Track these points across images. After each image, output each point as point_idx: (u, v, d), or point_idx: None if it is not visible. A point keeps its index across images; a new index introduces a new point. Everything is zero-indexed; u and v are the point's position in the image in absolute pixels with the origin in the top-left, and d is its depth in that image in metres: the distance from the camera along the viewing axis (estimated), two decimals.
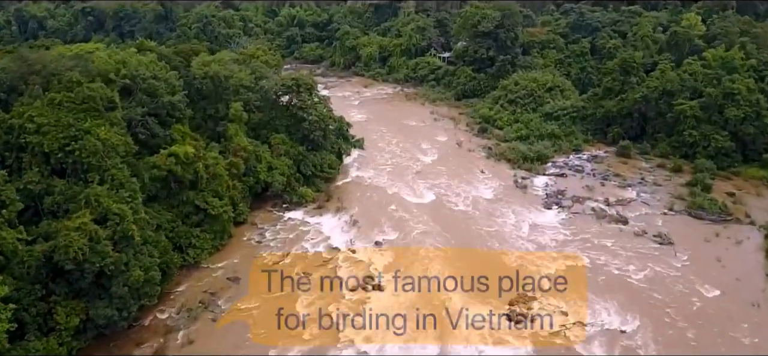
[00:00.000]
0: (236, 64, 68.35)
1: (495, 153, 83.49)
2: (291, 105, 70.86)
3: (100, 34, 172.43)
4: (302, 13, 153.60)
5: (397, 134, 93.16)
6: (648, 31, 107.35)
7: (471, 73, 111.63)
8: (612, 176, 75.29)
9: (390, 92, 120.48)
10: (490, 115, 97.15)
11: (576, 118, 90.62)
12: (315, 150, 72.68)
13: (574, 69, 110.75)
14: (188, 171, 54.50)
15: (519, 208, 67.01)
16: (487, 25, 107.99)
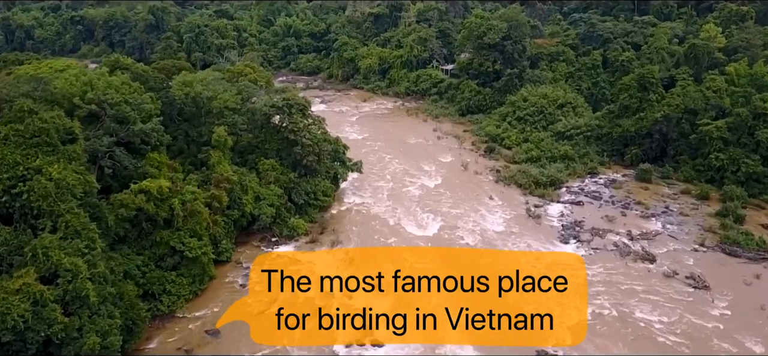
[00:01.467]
0: (221, 84, 62.03)
1: (504, 176, 77.13)
2: (282, 127, 64.55)
3: (90, 44, 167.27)
4: (298, 23, 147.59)
5: (397, 154, 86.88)
6: (664, 43, 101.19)
7: (476, 87, 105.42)
8: (633, 204, 68.90)
9: (390, 107, 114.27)
10: (497, 133, 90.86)
11: (590, 137, 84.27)
12: (308, 176, 66.40)
13: (585, 82, 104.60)
14: (162, 208, 48.18)
15: (533, 242, 60.62)
16: (493, 36, 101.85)
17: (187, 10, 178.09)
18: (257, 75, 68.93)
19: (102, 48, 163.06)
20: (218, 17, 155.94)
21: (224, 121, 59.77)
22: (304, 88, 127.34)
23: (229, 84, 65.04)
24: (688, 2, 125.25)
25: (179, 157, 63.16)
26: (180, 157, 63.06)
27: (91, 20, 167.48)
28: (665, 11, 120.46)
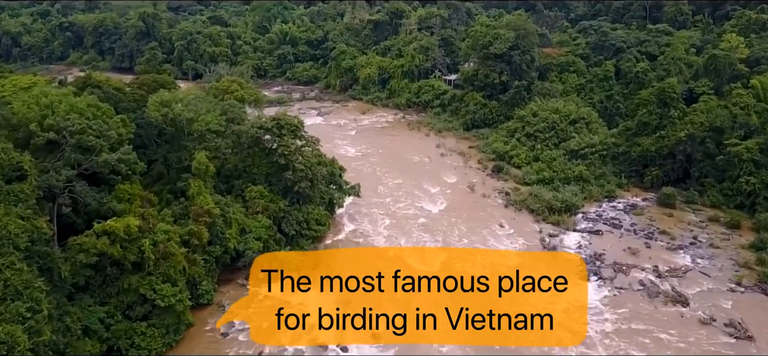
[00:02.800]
0: (204, 103, 56.00)
1: (514, 200, 71.04)
2: (271, 149, 58.46)
3: (79, 51, 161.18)
4: (295, 30, 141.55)
5: (398, 173, 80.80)
6: (681, 53, 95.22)
7: (481, 100, 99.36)
8: (657, 234, 62.83)
9: (390, 120, 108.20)
10: (505, 150, 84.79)
11: (606, 156, 78.22)
12: (300, 203, 60.29)
13: (597, 95, 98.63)
14: (131, 250, 42.11)
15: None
16: (500, 46, 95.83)
17: (180, 17, 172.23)
18: (245, 92, 62.90)
19: (91, 55, 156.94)
20: (212, 24, 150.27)
21: (206, 144, 53.71)
22: (300, 99, 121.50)
23: (214, 103, 58.96)
24: (704, 9, 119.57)
25: (158, 182, 57.23)
26: (159, 182, 57.12)
27: (81, 27, 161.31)
28: (680, 19, 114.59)
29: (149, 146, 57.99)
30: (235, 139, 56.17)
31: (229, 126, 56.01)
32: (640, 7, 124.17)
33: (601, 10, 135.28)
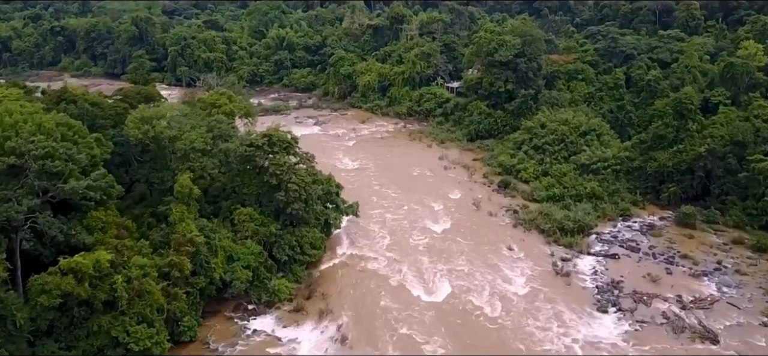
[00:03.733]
0: (189, 119, 51.56)
1: (523, 219, 66.61)
2: (262, 167, 54.01)
3: (71, 56, 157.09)
4: (292, 35, 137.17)
5: (399, 188, 76.39)
6: (695, 61, 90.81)
7: (486, 109, 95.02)
8: (678, 258, 58.37)
9: (390, 129, 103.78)
10: (512, 163, 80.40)
11: (619, 171, 73.82)
12: (293, 225, 55.90)
13: (606, 104, 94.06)
14: (101, 288, 37.70)
15: (564, 311, 50.10)
16: (506, 53, 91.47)
17: (175, 21, 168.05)
18: (234, 105, 58.50)
19: (83, 61, 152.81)
20: (207, 28, 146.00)
21: (191, 164, 49.28)
22: (297, 107, 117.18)
23: (201, 118, 54.54)
24: (716, 14, 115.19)
25: (140, 204, 52.97)
26: (141, 204, 52.85)
27: (73, 31, 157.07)
28: (691, 24, 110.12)
29: (132, 163, 53.81)
30: (223, 158, 51.73)
31: (216, 143, 51.57)
32: (649, 11, 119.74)
33: (609, 15, 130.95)
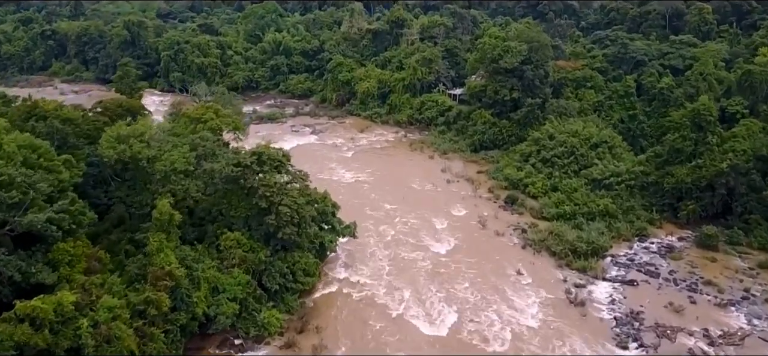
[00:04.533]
0: (170, 138, 47.25)
1: (532, 239, 62.33)
2: (251, 188, 49.63)
3: (62, 60, 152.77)
4: (289, 40, 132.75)
5: (400, 204, 72.07)
6: (710, 68, 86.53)
7: (490, 118, 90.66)
8: (701, 285, 54.04)
9: (390, 139, 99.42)
10: (519, 177, 76.07)
11: (634, 187, 69.50)
12: (285, 250, 51.56)
13: (616, 113, 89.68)
14: (64, 334, 33.36)
15: (581, 347, 45.85)
16: (511, 60, 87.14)
17: (170, 24, 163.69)
18: (221, 120, 54.11)
19: (74, 65, 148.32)
20: (202, 32, 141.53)
21: (172, 187, 44.91)
22: (293, 114, 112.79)
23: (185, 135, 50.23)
24: (729, 18, 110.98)
25: (119, 228, 48.79)
26: (119, 228, 48.68)
27: (64, 35, 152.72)
28: (704, 29, 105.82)
29: (109, 183, 49.55)
30: (208, 179, 47.38)
31: (200, 163, 47.22)
32: (658, 15, 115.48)
33: (616, 19, 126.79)
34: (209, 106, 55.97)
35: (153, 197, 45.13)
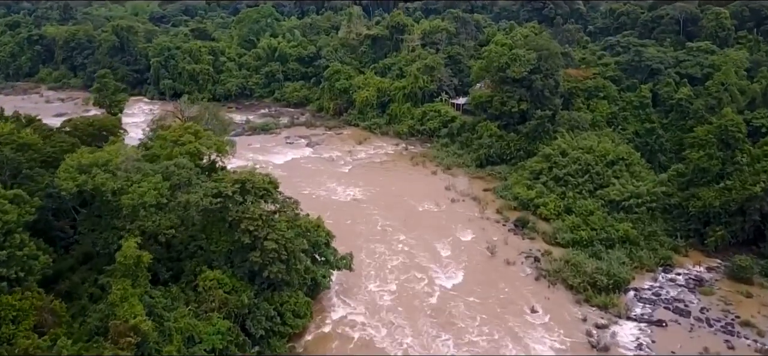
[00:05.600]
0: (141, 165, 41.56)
1: (547, 270, 56.70)
2: (233, 220, 43.99)
3: (49, 66, 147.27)
4: (285, 45, 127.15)
5: (401, 227, 66.47)
6: (732, 78, 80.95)
7: (497, 131, 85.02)
8: (738, 325, 48.40)
9: (391, 152, 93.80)
10: (529, 197, 70.42)
11: (655, 209, 63.88)
12: (273, 288, 45.98)
13: (631, 125, 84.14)
14: None
15: None
16: (520, 69, 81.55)
17: (162, 28, 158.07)
18: (202, 143, 48.30)
19: (62, 71, 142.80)
20: (194, 37, 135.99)
21: (141, 224, 39.23)
22: (288, 125, 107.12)
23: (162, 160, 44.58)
24: (747, 23, 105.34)
25: (85, 265, 43.24)
26: (86, 266, 43.14)
27: (52, 40, 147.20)
28: (721, 35, 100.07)
29: (74, 214, 44.01)
30: (183, 213, 41.73)
31: (174, 194, 41.58)
32: (671, 20, 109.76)
33: (626, 23, 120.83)
34: (188, 127, 50.26)
35: (119, 234, 39.46)
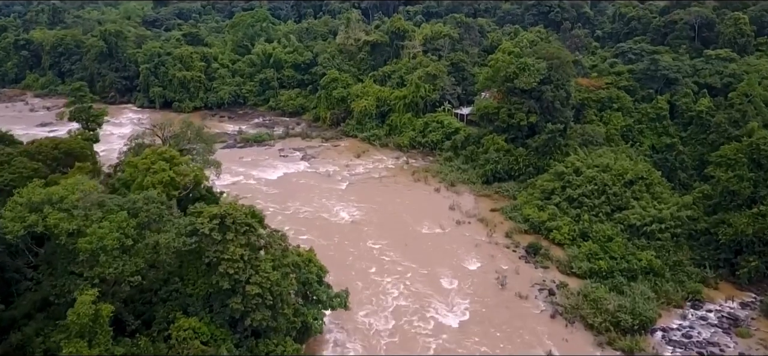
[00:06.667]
0: (102, 202, 36.04)
1: (563, 306, 51.26)
2: (211, 262, 38.47)
3: (36, 72, 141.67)
4: (280, 51, 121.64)
5: (402, 254, 61.05)
6: (757, 88, 75.53)
7: (504, 145, 79.57)
8: None
9: (391, 165, 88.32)
10: (541, 219, 65.02)
11: (680, 236, 58.48)
12: (257, 336, 40.53)
13: (647, 139, 78.98)
14: None
15: None
16: (529, 80, 76.14)
17: (155, 32, 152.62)
18: (176, 171, 42.64)
19: (49, 78, 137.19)
20: (187, 42, 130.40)
21: (101, 271, 33.73)
22: (282, 136, 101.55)
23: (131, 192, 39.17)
24: (766, 29, 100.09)
25: (42, 313, 37.82)
26: (43, 314, 37.71)
27: (39, 45, 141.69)
28: (740, 41, 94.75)
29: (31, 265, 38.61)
30: (152, 255, 36.23)
31: (142, 234, 36.09)
32: (686, 25, 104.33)
33: (637, 29, 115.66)
34: (162, 151, 44.66)
35: (76, 282, 34.00)
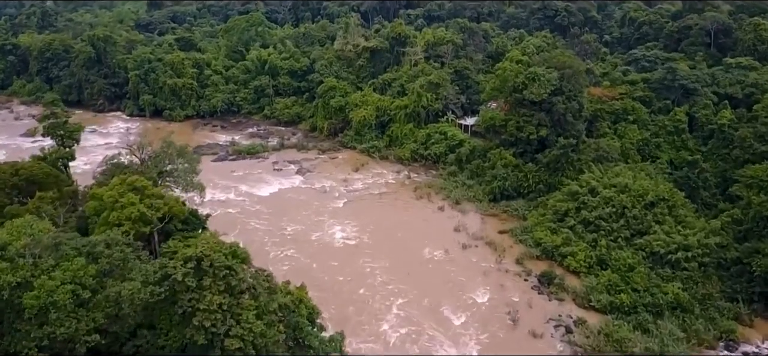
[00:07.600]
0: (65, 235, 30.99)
1: (582, 345, 46.24)
2: (186, 311, 33.40)
3: (23, 78, 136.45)
4: (276, 57, 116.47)
5: (404, 283, 56.04)
6: None
7: (512, 160, 74.56)
8: None
9: (391, 180, 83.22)
10: (554, 243, 59.97)
11: (708, 265, 53.40)
12: None
13: (665, 154, 74.01)
14: None
15: None
16: (539, 91, 71.12)
17: (147, 37, 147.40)
18: (147, 204, 37.27)
19: (36, 84, 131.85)
20: (179, 47, 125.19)
21: (51, 331, 28.66)
22: (277, 147, 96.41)
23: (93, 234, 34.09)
24: None
25: None
26: None
27: (26, 50, 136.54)
28: (760, 48, 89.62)
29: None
30: (115, 309, 31.15)
31: (103, 283, 31.01)
32: (701, 31, 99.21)
33: (649, 34, 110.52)
34: (132, 181, 39.46)
35: (23, 342, 28.91)
